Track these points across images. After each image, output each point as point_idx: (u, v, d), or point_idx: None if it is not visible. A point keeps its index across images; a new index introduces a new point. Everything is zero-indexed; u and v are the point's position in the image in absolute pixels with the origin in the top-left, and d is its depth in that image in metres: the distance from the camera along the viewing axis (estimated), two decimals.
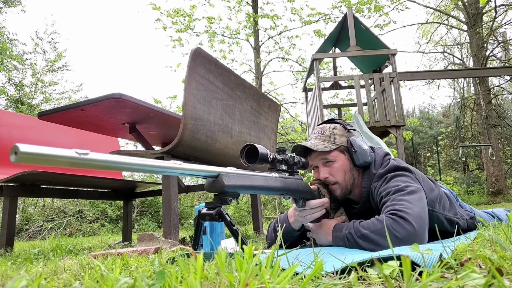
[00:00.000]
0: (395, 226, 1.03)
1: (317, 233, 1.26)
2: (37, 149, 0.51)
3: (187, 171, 0.78)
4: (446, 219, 1.35)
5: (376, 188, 1.27)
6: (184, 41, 10.43)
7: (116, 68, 53.47)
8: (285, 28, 10.81)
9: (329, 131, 1.37)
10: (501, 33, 13.02)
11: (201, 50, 1.82)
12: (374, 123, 5.77)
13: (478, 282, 0.48)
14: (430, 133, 20.34)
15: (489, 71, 8.27)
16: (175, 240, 1.78)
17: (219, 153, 2.04)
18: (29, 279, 0.52)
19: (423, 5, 13.08)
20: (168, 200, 1.84)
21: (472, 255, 0.65)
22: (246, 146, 1.04)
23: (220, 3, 16.88)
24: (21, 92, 12.29)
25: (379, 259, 0.65)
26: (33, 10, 28.57)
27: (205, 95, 1.86)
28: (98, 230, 8.58)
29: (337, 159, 1.33)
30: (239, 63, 11.29)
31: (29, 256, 1.62)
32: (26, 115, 3.29)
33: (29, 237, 7.89)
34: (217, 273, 0.53)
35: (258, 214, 2.81)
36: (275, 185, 1.05)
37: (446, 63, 14.50)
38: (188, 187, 2.95)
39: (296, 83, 11.37)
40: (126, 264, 0.94)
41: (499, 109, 12.38)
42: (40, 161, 0.52)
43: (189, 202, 10.59)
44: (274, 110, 2.73)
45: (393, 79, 5.87)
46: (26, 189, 2.27)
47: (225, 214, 0.94)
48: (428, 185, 1.30)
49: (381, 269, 0.49)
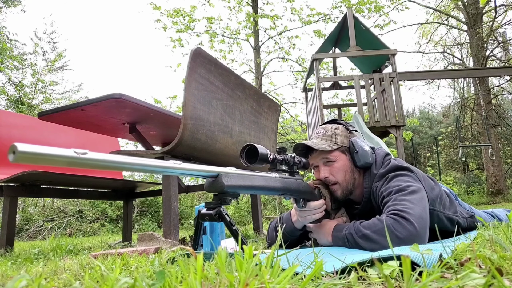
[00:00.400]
0: (396, 226, 1.03)
1: (318, 233, 1.26)
2: (35, 148, 0.51)
3: (187, 171, 0.78)
4: (446, 218, 1.35)
5: (377, 188, 1.27)
6: (184, 41, 10.45)
7: (116, 68, 53.49)
8: (285, 28, 10.81)
9: (331, 131, 1.37)
10: (501, 33, 13.03)
11: (201, 50, 1.82)
12: (374, 123, 5.77)
13: (478, 282, 0.48)
14: (430, 133, 20.33)
15: (489, 71, 8.27)
16: (175, 240, 1.78)
17: (219, 153, 2.04)
18: (29, 279, 0.52)
19: (423, 5, 13.08)
20: (168, 200, 1.84)
21: (472, 255, 0.65)
22: (246, 146, 1.04)
23: (220, 3, 16.88)
24: (21, 92, 12.29)
25: (379, 259, 0.65)
26: (33, 10, 28.50)
27: (205, 95, 1.86)
28: (98, 230, 8.58)
29: (338, 159, 1.33)
30: (239, 63, 11.30)
31: (29, 256, 1.62)
32: (26, 115, 3.29)
33: (29, 237, 7.89)
34: (217, 273, 0.53)
35: (258, 214, 2.80)
36: (275, 185, 1.05)
37: (446, 63, 14.50)
38: (188, 187, 2.95)
39: (296, 83, 11.38)
40: (126, 264, 0.94)
41: (499, 109, 12.37)
42: (39, 161, 0.52)
43: (189, 202, 10.59)
44: (274, 110, 2.73)
45: (393, 79, 5.87)
46: (26, 189, 2.27)
47: (224, 214, 0.94)
48: (429, 184, 1.31)
49: (381, 269, 0.49)
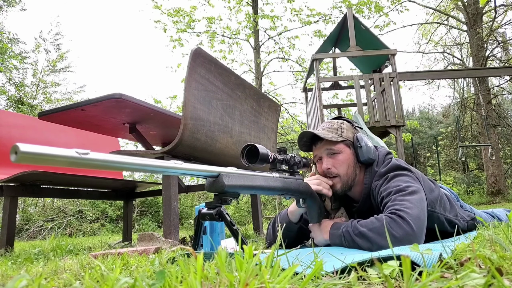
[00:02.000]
0: (393, 225, 1.04)
1: (315, 231, 1.27)
2: (37, 148, 0.51)
3: (187, 171, 0.78)
4: (446, 220, 1.35)
5: (377, 187, 1.28)
6: (184, 41, 10.46)
7: (116, 69, 53.49)
8: (285, 29, 10.82)
9: (337, 125, 1.38)
10: (500, 33, 13.02)
11: (201, 50, 1.82)
12: (374, 123, 5.77)
13: (478, 282, 0.48)
14: (430, 133, 20.33)
15: (489, 71, 8.27)
16: (175, 240, 1.78)
17: (219, 153, 2.04)
18: (29, 279, 0.52)
19: (422, 5, 13.08)
20: (168, 200, 1.84)
21: (472, 255, 0.65)
22: (247, 146, 1.04)
23: (220, 3, 16.90)
24: (21, 92, 12.29)
25: (379, 259, 0.65)
26: (34, 10, 28.50)
27: (205, 95, 1.86)
28: (98, 230, 8.58)
29: (342, 151, 1.33)
30: (239, 63, 11.31)
31: (29, 256, 1.62)
32: (26, 115, 3.29)
33: (29, 237, 7.89)
34: (217, 273, 0.53)
35: (258, 214, 2.81)
36: (276, 185, 1.05)
37: (446, 63, 14.50)
38: (188, 187, 2.95)
39: (296, 83, 11.38)
40: (126, 264, 0.94)
41: (499, 109, 12.38)
42: (40, 161, 0.52)
43: (189, 202, 10.59)
44: (274, 110, 2.73)
45: (393, 79, 5.87)
46: (26, 189, 2.27)
47: (225, 214, 0.94)
48: (428, 186, 1.31)
49: (381, 269, 0.49)
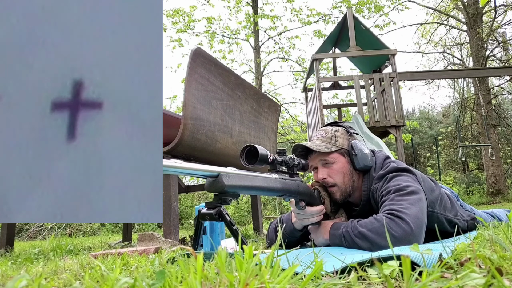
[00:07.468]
0: (392, 225, 1.04)
1: (315, 232, 1.27)
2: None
3: (187, 170, 0.78)
4: (446, 220, 1.35)
5: (377, 189, 1.27)
6: (184, 41, 10.46)
7: None
8: (285, 29, 10.83)
9: (331, 133, 1.38)
10: (500, 33, 13.02)
11: (201, 50, 1.82)
12: (374, 123, 5.77)
13: (478, 282, 0.48)
14: (430, 133, 20.31)
15: (489, 71, 8.28)
16: (175, 240, 1.78)
17: (219, 153, 2.04)
18: (29, 279, 0.52)
19: (422, 5, 13.09)
20: (168, 200, 1.84)
21: (472, 255, 0.65)
22: (247, 147, 1.04)
23: (220, 3, 16.89)
24: None
25: (379, 259, 0.65)
26: None
27: (205, 95, 1.86)
28: (98, 230, 8.58)
29: (336, 160, 1.33)
30: (239, 63, 11.32)
31: (29, 256, 1.62)
32: None
33: (29, 237, 7.89)
34: (217, 273, 0.53)
35: (258, 214, 2.81)
36: (275, 186, 1.06)
37: (446, 63, 14.50)
38: (188, 187, 2.95)
39: (296, 83, 11.39)
40: (126, 264, 0.94)
41: (498, 109, 12.38)
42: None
43: (189, 202, 10.59)
44: (274, 110, 2.73)
45: (393, 79, 5.87)
46: None
47: (225, 214, 0.94)
48: (429, 186, 1.31)
49: (381, 269, 0.49)
